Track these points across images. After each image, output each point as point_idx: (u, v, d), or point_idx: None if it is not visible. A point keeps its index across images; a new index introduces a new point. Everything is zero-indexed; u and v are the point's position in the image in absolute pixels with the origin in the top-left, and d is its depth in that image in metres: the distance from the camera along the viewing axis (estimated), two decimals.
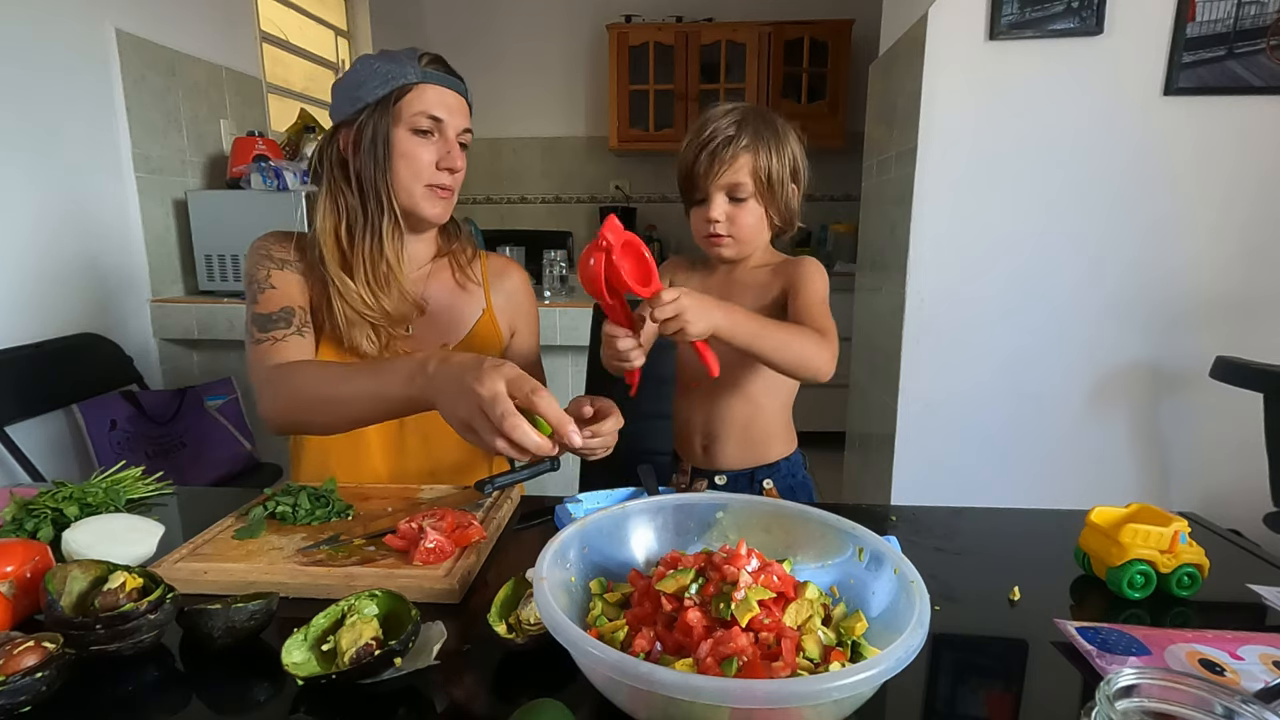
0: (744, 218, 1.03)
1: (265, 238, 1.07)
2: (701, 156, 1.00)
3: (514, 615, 0.62)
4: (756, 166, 1.00)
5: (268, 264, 1.03)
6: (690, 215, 1.08)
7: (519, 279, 1.19)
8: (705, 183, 1.01)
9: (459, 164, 1.02)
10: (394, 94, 0.98)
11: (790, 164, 1.03)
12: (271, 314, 1.00)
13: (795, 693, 0.43)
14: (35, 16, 1.74)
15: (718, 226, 1.03)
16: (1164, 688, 0.43)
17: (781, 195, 1.03)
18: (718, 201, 1.02)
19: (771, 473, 1.12)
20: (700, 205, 1.04)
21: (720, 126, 1.00)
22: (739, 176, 1.00)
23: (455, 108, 1.02)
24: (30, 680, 0.52)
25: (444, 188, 1.03)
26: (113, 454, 1.77)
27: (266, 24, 2.83)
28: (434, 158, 1.01)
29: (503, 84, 4.15)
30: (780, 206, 1.04)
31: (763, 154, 1.00)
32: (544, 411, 0.70)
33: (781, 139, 1.02)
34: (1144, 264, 1.80)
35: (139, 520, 0.79)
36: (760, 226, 1.05)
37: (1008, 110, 1.77)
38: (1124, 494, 1.69)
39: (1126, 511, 0.74)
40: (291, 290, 1.02)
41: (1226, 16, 1.66)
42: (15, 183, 1.70)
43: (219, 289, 2.19)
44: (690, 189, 1.05)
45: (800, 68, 3.71)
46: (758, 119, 1.01)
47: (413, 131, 1.00)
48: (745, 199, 1.01)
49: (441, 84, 1.01)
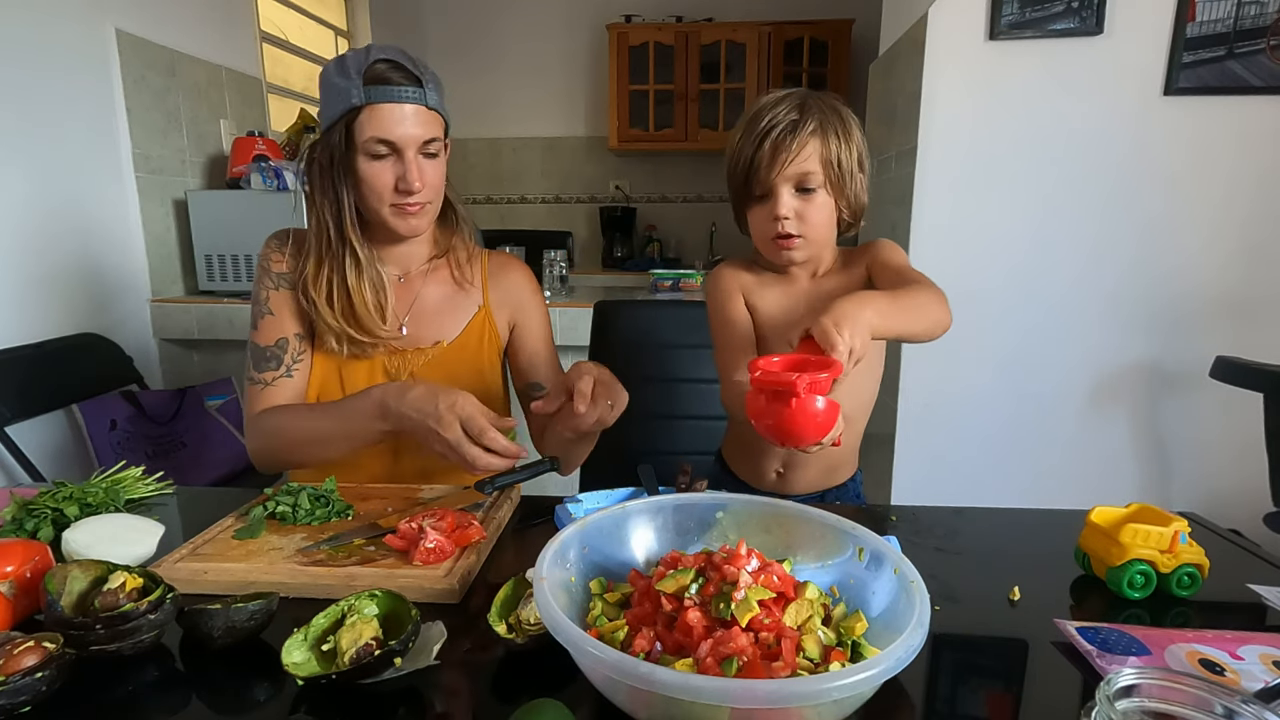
0: (814, 213, 0.92)
1: (268, 243, 1.09)
2: (765, 147, 0.89)
3: (514, 615, 0.62)
4: (825, 153, 0.90)
5: (266, 282, 1.06)
6: (749, 217, 0.97)
7: (519, 274, 1.17)
8: (768, 175, 0.90)
9: (416, 185, 0.97)
10: (344, 118, 0.94)
11: (859, 150, 0.93)
12: (266, 349, 1.04)
13: (795, 693, 0.43)
14: (36, 17, 1.74)
15: (787, 225, 0.92)
16: (1164, 688, 0.44)
17: (851, 185, 0.93)
18: (784, 196, 0.91)
19: (840, 493, 1.07)
20: (761, 203, 0.94)
21: (780, 113, 0.90)
22: (808, 165, 0.89)
23: (411, 121, 0.95)
24: (30, 680, 0.52)
25: (410, 205, 0.99)
26: (113, 454, 1.77)
27: (266, 24, 2.83)
28: (393, 180, 0.97)
29: (503, 84, 4.14)
30: (850, 198, 0.94)
31: (831, 139, 0.90)
32: (499, 450, 0.83)
33: (846, 122, 0.92)
34: (1144, 264, 1.80)
35: (139, 520, 0.79)
36: (830, 222, 0.94)
37: (1008, 110, 1.77)
38: (1124, 494, 1.68)
39: (1126, 511, 0.74)
40: (285, 315, 1.05)
41: (1226, 16, 1.66)
42: (15, 182, 1.70)
43: (219, 289, 2.19)
44: (748, 186, 0.94)
45: (800, 68, 3.70)
46: (819, 102, 0.92)
47: (369, 156, 0.96)
48: (814, 190, 0.91)
49: (390, 100, 0.94)
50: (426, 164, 0.99)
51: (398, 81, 0.94)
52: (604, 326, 1.40)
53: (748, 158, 0.92)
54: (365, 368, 1.07)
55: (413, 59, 0.97)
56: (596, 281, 3.62)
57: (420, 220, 1.02)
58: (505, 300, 1.14)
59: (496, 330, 1.14)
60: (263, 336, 1.05)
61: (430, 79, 0.97)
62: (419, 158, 0.98)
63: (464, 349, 1.10)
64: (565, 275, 2.38)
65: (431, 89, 0.97)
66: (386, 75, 0.94)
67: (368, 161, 0.96)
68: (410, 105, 0.95)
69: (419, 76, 0.96)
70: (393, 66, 0.95)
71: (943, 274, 1.84)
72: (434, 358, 1.09)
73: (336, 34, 3.49)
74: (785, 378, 0.69)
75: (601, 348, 1.40)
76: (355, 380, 1.06)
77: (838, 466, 1.07)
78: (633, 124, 3.85)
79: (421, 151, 0.98)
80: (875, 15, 2.33)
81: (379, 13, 3.65)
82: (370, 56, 0.95)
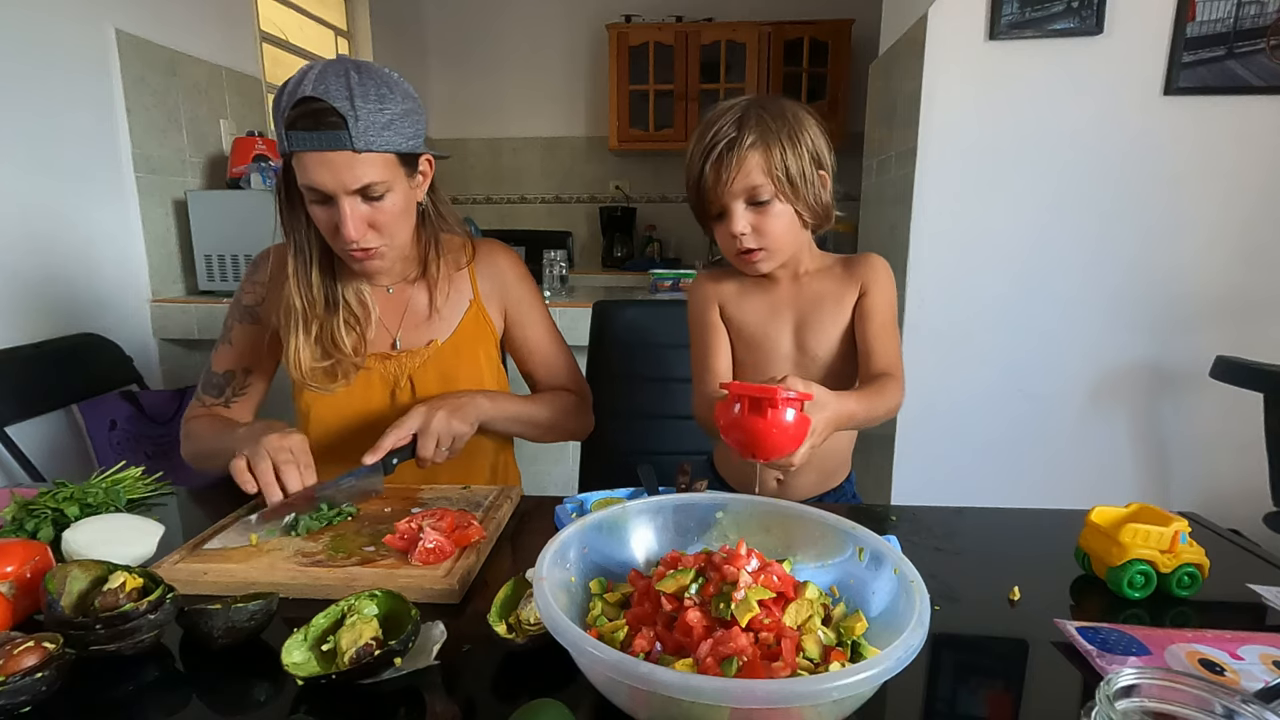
0: (771, 224, 0.91)
1: (253, 262, 1.10)
2: (706, 168, 0.89)
3: (514, 615, 0.62)
4: (769, 163, 0.88)
5: (235, 312, 1.10)
6: (714, 234, 0.96)
7: (505, 260, 1.15)
8: (718, 194, 0.89)
9: (350, 235, 0.90)
10: (286, 160, 0.91)
11: (811, 151, 0.90)
12: (214, 375, 1.10)
13: (795, 693, 0.43)
14: (35, 17, 1.74)
15: (745, 240, 0.91)
16: (1164, 688, 0.44)
17: (807, 188, 0.90)
18: (738, 212, 0.90)
19: (837, 495, 1.08)
20: (720, 221, 0.93)
21: (721, 129, 0.88)
22: (753, 179, 0.88)
23: (337, 168, 0.86)
24: (30, 680, 0.52)
25: (354, 252, 0.93)
26: (113, 454, 1.77)
27: (266, 24, 2.83)
28: (334, 225, 0.92)
29: (503, 84, 4.14)
30: (810, 201, 0.91)
31: (775, 148, 0.88)
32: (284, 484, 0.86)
33: (794, 125, 0.89)
34: (1144, 264, 1.80)
35: (139, 520, 0.79)
36: (793, 229, 0.93)
37: (1008, 110, 1.77)
38: (1124, 494, 1.68)
39: (1126, 511, 0.74)
40: (243, 348, 1.09)
41: (1226, 16, 1.66)
42: (15, 182, 1.69)
43: (219, 289, 2.19)
44: (704, 205, 0.93)
45: (800, 68, 3.70)
46: (760, 110, 0.89)
47: (310, 201, 0.92)
48: (767, 201, 0.89)
49: (310, 148, 0.86)
50: (366, 209, 0.91)
51: (319, 126, 0.85)
52: (603, 326, 1.40)
53: (695, 178, 0.91)
54: (361, 375, 1.07)
55: (353, 89, 0.85)
56: (596, 281, 3.62)
57: (376, 263, 0.97)
58: (494, 290, 1.14)
59: (490, 322, 1.13)
60: (217, 361, 1.10)
61: (367, 115, 0.86)
62: (358, 204, 0.90)
63: (459, 346, 1.10)
64: (565, 275, 2.38)
65: (366, 127, 0.86)
66: (306, 121, 0.85)
67: (311, 205, 0.92)
68: (334, 152, 0.86)
69: (346, 117, 0.85)
70: (316, 108, 0.85)
71: (942, 273, 1.87)
72: (429, 358, 1.09)
73: (336, 34, 3.49)
74: (764, 386, 0.71)
75: (601, 348, 1.41)
76: (354, 385, 1.07)
77: (833, 471, 1.07)
78: (633, 124, 3.85)
79: (362, 195, 0.90)
80: (875, 15, 2.33)
81: (379, 13, 3.65)
82: (296, 95, 0.85)
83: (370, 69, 0.89)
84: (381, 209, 0.92)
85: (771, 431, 0.71)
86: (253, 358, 1.10)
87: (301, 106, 0.85)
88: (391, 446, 0.92)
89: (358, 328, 1.04)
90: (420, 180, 0.99)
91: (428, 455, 0.95)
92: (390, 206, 0.93)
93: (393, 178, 0.92)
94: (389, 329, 1.09)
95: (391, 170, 0.91)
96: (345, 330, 1.02)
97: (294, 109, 0.86)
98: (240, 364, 1.10)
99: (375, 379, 1.07)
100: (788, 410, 0.71)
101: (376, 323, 1.06)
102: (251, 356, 1.10)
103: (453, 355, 1.10)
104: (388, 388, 1.08)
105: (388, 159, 0.90)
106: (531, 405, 1.12)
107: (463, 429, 0.98)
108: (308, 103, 0.85)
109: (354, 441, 1.02)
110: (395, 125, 0.89)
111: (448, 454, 0.97)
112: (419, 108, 0.95)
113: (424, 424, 0.95)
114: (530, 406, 1.12)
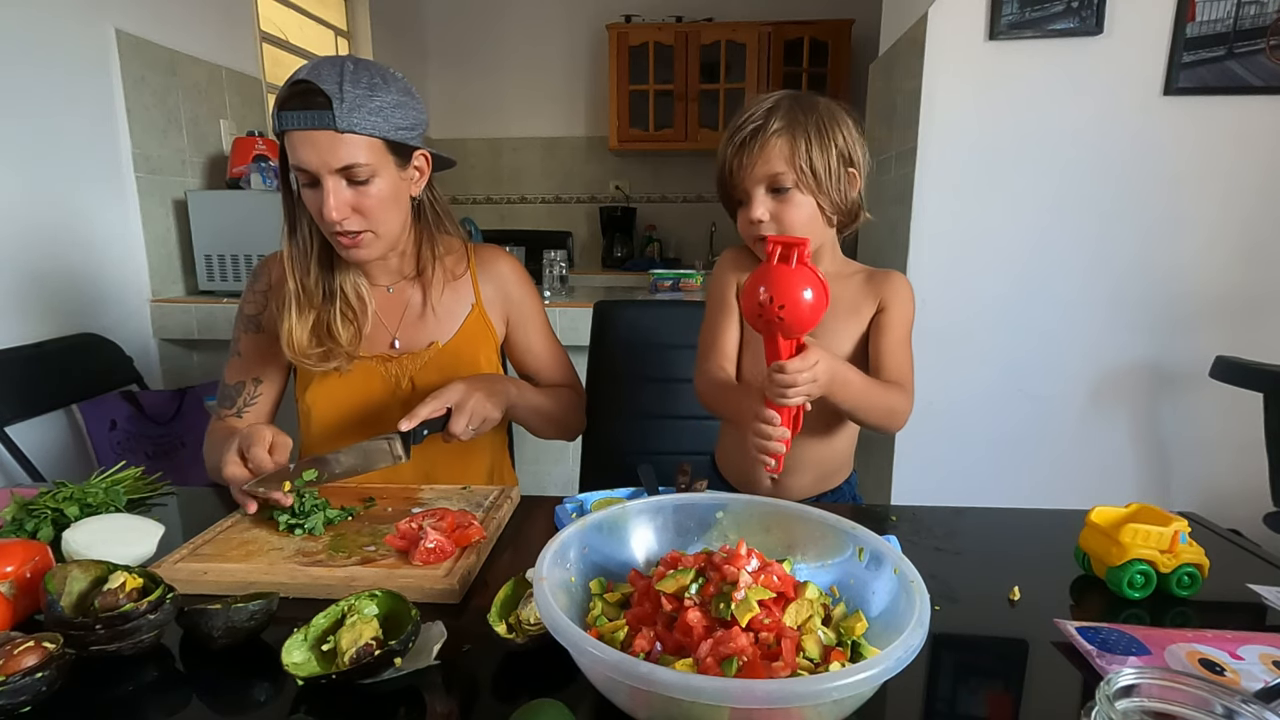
0: (792, 214, 0.91)
1: (253, 275, 1.11)
2: (730, 152, 0.92)
3: (514, 615, 0.62)
4: (794, 153, 0.89)
5: (241, 324, 1.11)
6: (737, 221, 0.98)
7: (507, 266, 1.16)
8: (741, 179, 0.92)
9: (332, 215, 0.90)
10: (281, 142, 0.93)
11: (841, 148, 0.91)
12: (228, 388, 1.11)
13: (795, 693, 0.43)
14: (35, 17, 1.74)
15: (763, 226, 0.92)
16: (1164, 688, 0.44)
17: (831, 183, 0.91)
18: (758, 198, 0.91)
19: (836, 496, 1.07)
20: (743, 206, 0.95)
21: (751, 116, 0.91)
22: (774, 166, 0.89)
23: (320, 147, 0.88)
24: (30, 680, 0.52)
25: (341, 235, 0.94)
26: (113, 454, 1.77)
27: (266, 24, 2.83)
28: (320, 208, 0.92)
29: (503, 84, 4.14)
30: (833, 196, 0.92)
31: (800, 138, 0.89)
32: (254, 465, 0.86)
33: (825, 119, 0.91)
34: (1144, 264, 1.80)
35: (139, 520, 0.79)
36: (814, 222, 0.93)
37: (1008, 110, 1.77)
38: (1124, 494, 1.68)
39: (1126, 511, 0.74)
40: (252, 359, 1.10)
41: (1226, 16, 1.65)
42: (15, 182, 1.69)
43: (219, 289, 2.19)
44: (729, 190, 0.95)
45: (800, 68, 3.70)
46: (793, 103, 0.91)
47: (301, 184, 0.93)
48: (788, 190, 0.90)
49: (295, 127, 0.88)
50: (351, 192, 0.92)
51: (304, 106, 0.88)
52: (603, 326, 1.40)
53: (723, 163, 0.94)
54: (362, 376, 1.07)
55: (344, 75, 0.88)
56: (596, 281, 3.62)
57: (362, 251, 0.97)
58: (496, 295, 1.14)
59: (492, 327, 1.14)
60: (229, 374, 1.12)
61: (353, 98, 0.88)
62: (342, 186, 0.91)
63: (460, 349, 1.10)
64: (565, 275, 2.38)
65: (351, 109, 0.88)
66: (295, 101, 0.88)
67: (303, 190, 0.94)
68: (318, 131, 0.88)
69: (332, 98, 0.87)
70: (305, 89, 0.88)
71: (942, 273, 1.87)
72: (429, 360, 1.09)
73: (336, 34, 3.49)
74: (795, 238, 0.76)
75: (601, 348, 1.40)
76: (355, 386, 1.07)
77: (833, 472, 1.07)
78: (633, 124, 3.85)
79: (346, 178, 0.91)
80: (875, 15, 2.33)
81: (379, 13, 3.65)
82: (293, 78, 0.90)
83: (370, 63, 0.92)
84: (367, 194, 0.93)
85: (794, 280, 0.75)
86: (261, 367, 1.10)
87: (293, 88, 0.89)
88: (427, 416, 0.91)
89: (355, 321, 1.04)
90: (415, 175, 1.01)
91: (458, 431, 0.94)
92: (376, 192, 0.93)
93: (378, 163, 0.92)
94: (387, 327, 1.09)
95: (377, 155, 0.92)
96: (342, 322, 1.02)
97: (286, 91, 0.89)
98: (250, 374, 1.11)
99: (376, 380, 1.08)
100: (809, 285, 0.75)
101: (373, 318, 1.07)
102: (260, 366, 1.10)
103: (453, 358, 1.10)
104: (389, 389, 1.08)
105: (373, 143, 0.91)
106: (546, 398, 1.14)
107: (495, 414, 0.98)
108: (299, 85, 0.88)
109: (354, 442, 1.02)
110: (384, 113, 0.91)
111: (473, 434, 0.97)
112: (416, 104, 0.96)
113: (461, 400, 0.94)
114: (545, 399, 1.14)
